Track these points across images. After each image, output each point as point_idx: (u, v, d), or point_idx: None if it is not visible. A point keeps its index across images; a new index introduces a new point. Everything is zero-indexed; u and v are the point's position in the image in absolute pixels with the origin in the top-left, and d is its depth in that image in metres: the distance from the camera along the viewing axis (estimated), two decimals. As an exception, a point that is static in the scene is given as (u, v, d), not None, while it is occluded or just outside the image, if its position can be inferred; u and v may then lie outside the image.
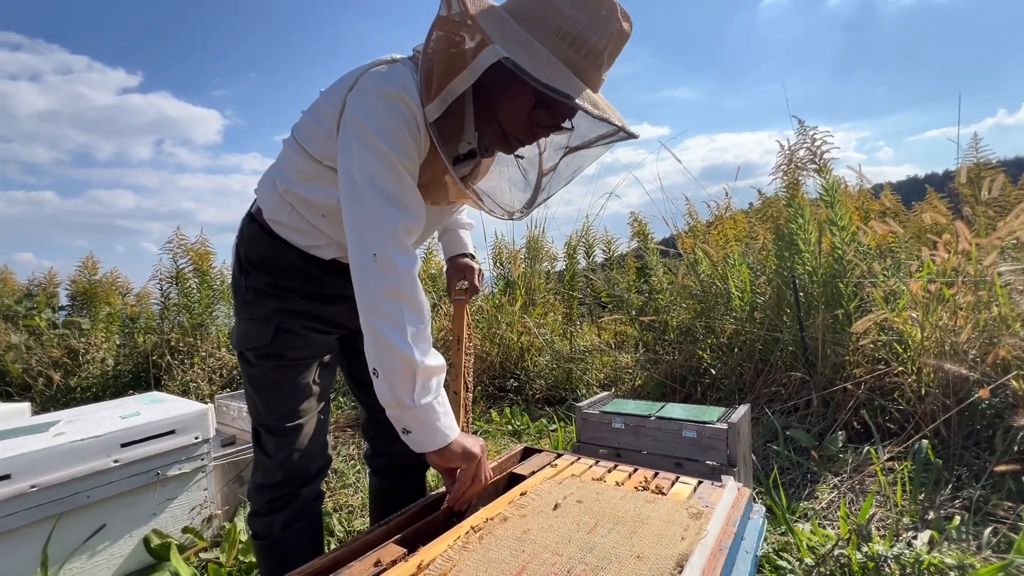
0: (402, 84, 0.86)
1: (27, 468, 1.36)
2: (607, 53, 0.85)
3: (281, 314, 1.05)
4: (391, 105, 0.85)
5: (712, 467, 1.37)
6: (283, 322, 1.05)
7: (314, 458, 1.11)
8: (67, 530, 1.43)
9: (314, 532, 1.14)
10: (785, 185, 2.81)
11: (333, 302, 1.09)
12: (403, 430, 0.88)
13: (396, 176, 0.86)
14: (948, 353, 2.02)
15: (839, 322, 2.45)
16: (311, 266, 1.06)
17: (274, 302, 1.05)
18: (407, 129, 0.86)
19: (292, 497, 1.09)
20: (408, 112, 0.86)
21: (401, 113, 0.85)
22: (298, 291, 1.06)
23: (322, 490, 1.18)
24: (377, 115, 0.85)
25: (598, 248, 4.88)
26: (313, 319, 1.07)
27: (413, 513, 0.95)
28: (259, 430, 1.10)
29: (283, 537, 1.09)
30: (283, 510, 1.09)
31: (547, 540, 0.78)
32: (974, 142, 2.65)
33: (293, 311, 1.06)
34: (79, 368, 4.15)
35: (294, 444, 1.07)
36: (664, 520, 0.83)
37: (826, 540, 1.49)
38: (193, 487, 1.71)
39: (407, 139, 0.86)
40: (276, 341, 1.04)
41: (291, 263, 1.05)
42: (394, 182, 0.85)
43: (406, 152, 0.87)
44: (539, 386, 3.39)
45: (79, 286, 5.22)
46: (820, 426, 2.29)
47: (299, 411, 1.08)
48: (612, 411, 1.60)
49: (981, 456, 1.86)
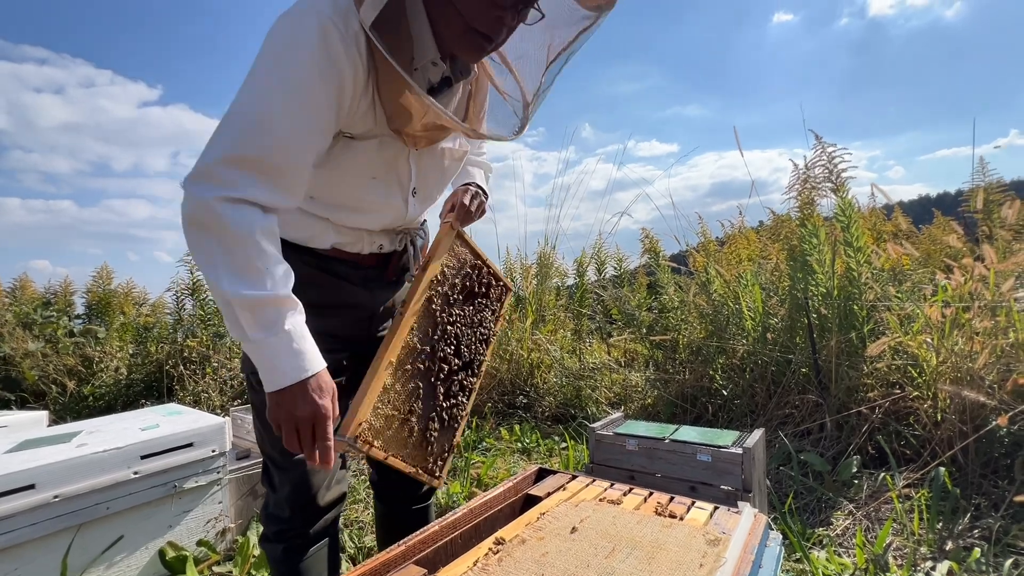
0: (323, 2, 0.76)
1: (51, 478, 1.38)
2: None
3: None
4: (295, 27, 0.75)
5: (727, 492, 1.36)
6: None
7: (322, 491, 1.04)
8: (87, 540, 1.45)
9: (329, 555, 1.10)
10: (799, 204, 2.81)
11: (339, 311, 1.03)
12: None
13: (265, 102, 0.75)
14: (965, 379, 2.00)
15: (853, 345, 2.43)
16: (314, 269, 1.00)
17: None
18: (308, 53, 0.74)
19: (300, 534, 1.04)
20: (320, 32, 0.74)
21: (307, 34, 0.74)
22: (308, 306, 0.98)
23: (337, 515, 1.13)
24: (275, 40, 0.76)
25: (609, 264, 4.90)
26: (321, 338, 0.94)
27: (431, 534, 0.95)
28: (266, 461, 1.06)
29: (296, 562, 1.05)
30: (291, 541, 1.05)
31: (565, 564, 0.78)
32: (981, 164, 2.65)
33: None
34: (93, 376, 4.21)
35: (301, 479, 1.01)
36: (682, 546, 0.84)
37: (842, 569, 1.47)
38: (208, 500, 1.73)
39: (307, 63, 0.75)
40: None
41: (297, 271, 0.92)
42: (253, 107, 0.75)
43: (303, 80, 0.75)
44: (548, 403, 3.38)
45: (95, 295, 5.32)
46: (834, 450, 2.27)
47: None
48: (626, 433, 1.60)
49: (1000, 485, 1.83)
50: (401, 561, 0.87)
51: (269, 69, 0.76)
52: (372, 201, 0.98)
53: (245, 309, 0.75)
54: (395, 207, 1.01)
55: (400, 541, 0.91)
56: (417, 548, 0.91)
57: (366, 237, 1.04)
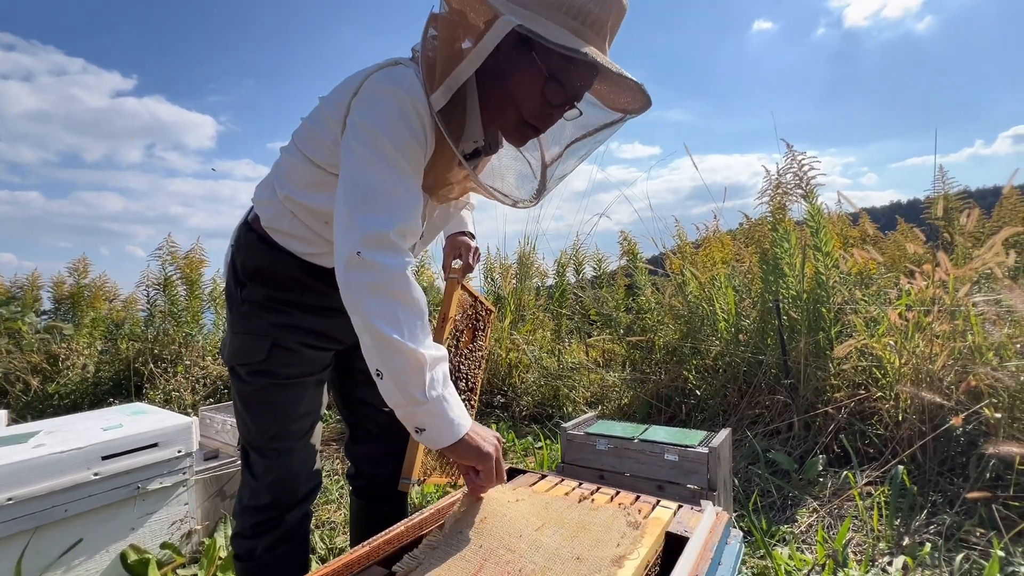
0: (406, 83, 0.86)
1: (4, 480, 1.34)
2: (609, 24, 0.87)
3: (278, 329, 1.03)
4: (393, 105, 0.85)
5: (693, 491, 1.39)
6: (280, 338, 1.03)
7: (303, 481, 1.09)
8: (42, 544, 1.41)
9: (298, 554, 1.12)
10: (771, 209, 2.88)
11: (331, 315, 1.06)
12: (415, 428, 0.84)
13: (397, 177, 0.85)
14: (924, 380, 2.07)
15: (821, 346, 2.50)
16: (310, 277, 1.04)
17: (271, 316, 1.03)
18: (408, 128, 0.85)
19: (277, 522, 1.07)
20: (411, 109, 0.85)
21: (403, 111, 0.85)
22: (296, 304, 1.04)
23: (310, 510, 1.16)
24: (379, 115, 0.85)
25: (588, 265, 4.94)
26: (310, 334, 1.05)
27: (397, 534, 0.95)
28: (247, 449, 1.08)
29: (266, 560, 1.07)
30: (267, 534, 1.07)
31: (501, 533, 0.83)
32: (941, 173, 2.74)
33: (290, 326, 1.04)
34: (58, 374, 4.08)
35: (283, 466, 1.06)
36: (603, 527, 0.88)
37: (803, 565, 1.51)
38: (173, 501, 1.69)
39: (410, 138, 0.86)
40: (271, 358, 1.02)
41: (290, 274, 1.04)
42: (394, 183, 0.85)
43: (409, 151, 0.86)
44: (526, 403, 3.40)
45: (63, 289, 5.14)
46: (801, 449, 2.32)
47: (290, 432, 1.06)
48: (596, 432, 1.62)
49: (955, 483, 1.90)
50: (365, 562, 0.86)
51: (383, 145, 0.84)
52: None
53: (431, 368, 0.81)
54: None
55: (365, 542, 0.91)
56: (382, 548, 0.90)
57: None
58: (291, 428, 1.06)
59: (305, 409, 1.08)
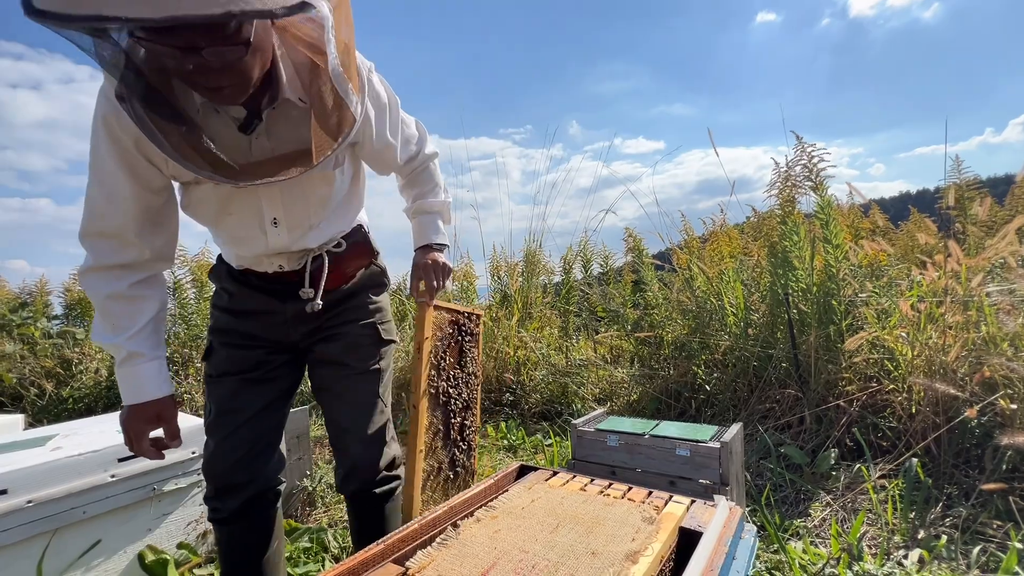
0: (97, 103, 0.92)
1: (24, 483, 1.36)
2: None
3: (213, 332, 1.19)
4: (94, 125, 0.93)
5: (705, 486, 1.39)
6: (214, 339, 1.18)
7: (234, 473, 1.14)
8: (62, 545, 1.43)
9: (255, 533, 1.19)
10: (780, 202, 2.85)
11: (251, 316, 1.17)
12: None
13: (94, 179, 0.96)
14: (937, 372, 2.05)
15: (832, 340, 2.48)
16: (234, 282, 1.17)
17: (211, 321, 1.20)
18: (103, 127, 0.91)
19: (218, 510, 1.16)
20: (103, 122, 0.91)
21: (100, 111, 0.91)
22: (216, 306, 1.20)
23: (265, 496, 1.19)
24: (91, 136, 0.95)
25: (595, 262, 4.92)
26: (226, 333, 1.17)
27: (411, 532, 0.96)
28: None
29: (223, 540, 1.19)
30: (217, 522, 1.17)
31: (515, 539, 0.84)
32: (956, 163, 2.71)
33: (218, 329, 1.18)
34: (72, 378, 4.13)
35: (214, 457, 1.15)
36: (619, 522, 0.89)
37: (818, 559, 1.50)
38: (189, 502, 1.71)
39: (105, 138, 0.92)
40: (206, 356, 1.19)
41: (220, 284, 1.20)
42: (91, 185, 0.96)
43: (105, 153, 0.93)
44: (535, 400, 3.40)
45: (74, 295, 5.20)
46: (813, 443, 2.31)
47: (219, 425, 1.15)
48: (607, 429, 1.62)
49: (970, 475, 1.88)
50: (380, 560, 0.87)
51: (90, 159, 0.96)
52: (233, 234, 1.10)
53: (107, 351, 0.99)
54: (255, 238, 1.09)
55: (379, 540, 0.92)
56: (396, 546, 0.91)
57: (264, 259, 1.13)
58: (220, 421, 1.15)
59: (230, 406, 1.15)
